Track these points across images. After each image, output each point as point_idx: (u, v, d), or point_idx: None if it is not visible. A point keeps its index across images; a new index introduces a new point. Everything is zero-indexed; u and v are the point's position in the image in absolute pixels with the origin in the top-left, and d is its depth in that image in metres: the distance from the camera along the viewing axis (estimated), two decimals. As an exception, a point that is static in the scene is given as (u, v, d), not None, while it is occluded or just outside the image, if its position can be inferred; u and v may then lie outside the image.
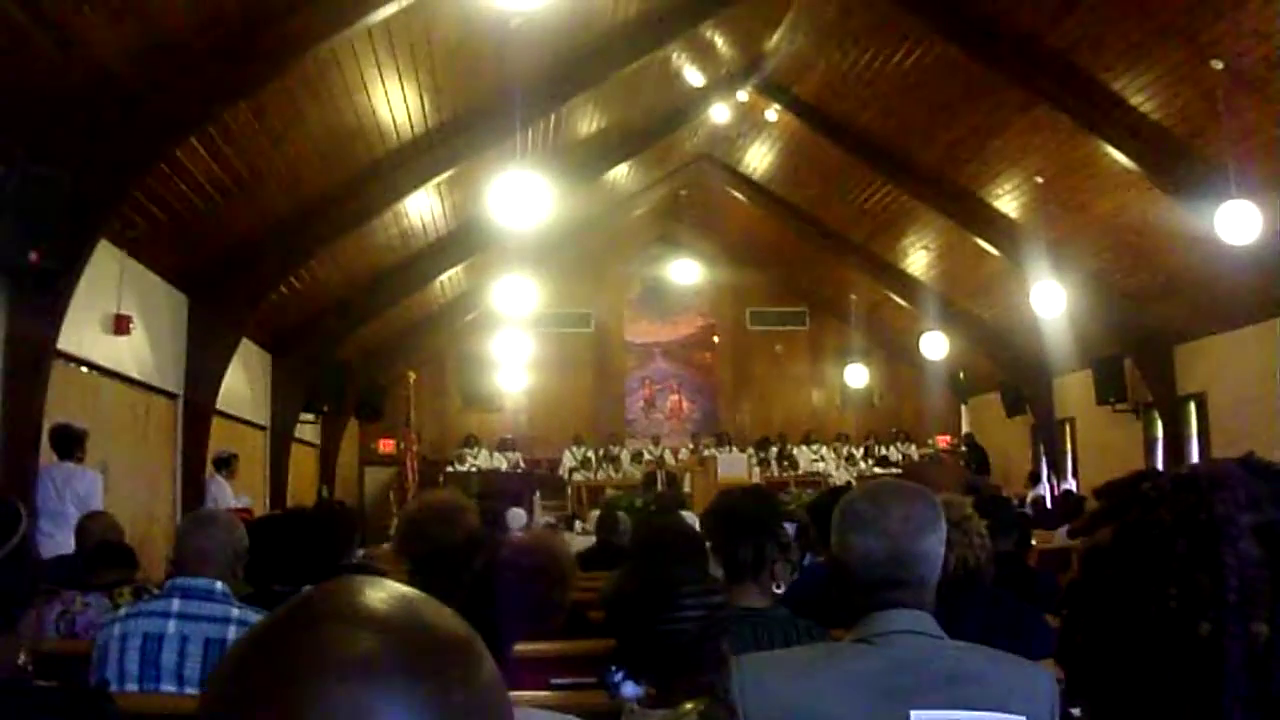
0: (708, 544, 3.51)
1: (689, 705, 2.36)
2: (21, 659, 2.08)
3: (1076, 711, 2.38)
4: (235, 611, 3.22)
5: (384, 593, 0.76)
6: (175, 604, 3.22)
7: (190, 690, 3.15)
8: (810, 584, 3.96)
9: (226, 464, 11.59)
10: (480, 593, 2.35)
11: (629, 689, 2.42)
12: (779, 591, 3.30)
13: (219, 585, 3.26)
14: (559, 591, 2.64)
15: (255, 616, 3.16)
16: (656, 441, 20.86)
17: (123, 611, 3.34)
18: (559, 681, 3.67)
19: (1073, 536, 1.25)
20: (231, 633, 3.16)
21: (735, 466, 17.20)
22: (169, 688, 3.14)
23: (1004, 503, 6.02)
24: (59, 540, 6.86)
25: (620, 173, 16.81)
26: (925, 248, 17.31)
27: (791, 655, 2.14)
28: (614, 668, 2.43)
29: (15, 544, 2.00)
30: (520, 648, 3.48)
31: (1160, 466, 12.45)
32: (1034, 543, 6.87)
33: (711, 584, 2.68)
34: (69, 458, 7.83)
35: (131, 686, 3.15)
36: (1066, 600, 1.03)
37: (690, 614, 2.51)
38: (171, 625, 3.18)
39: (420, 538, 3.39)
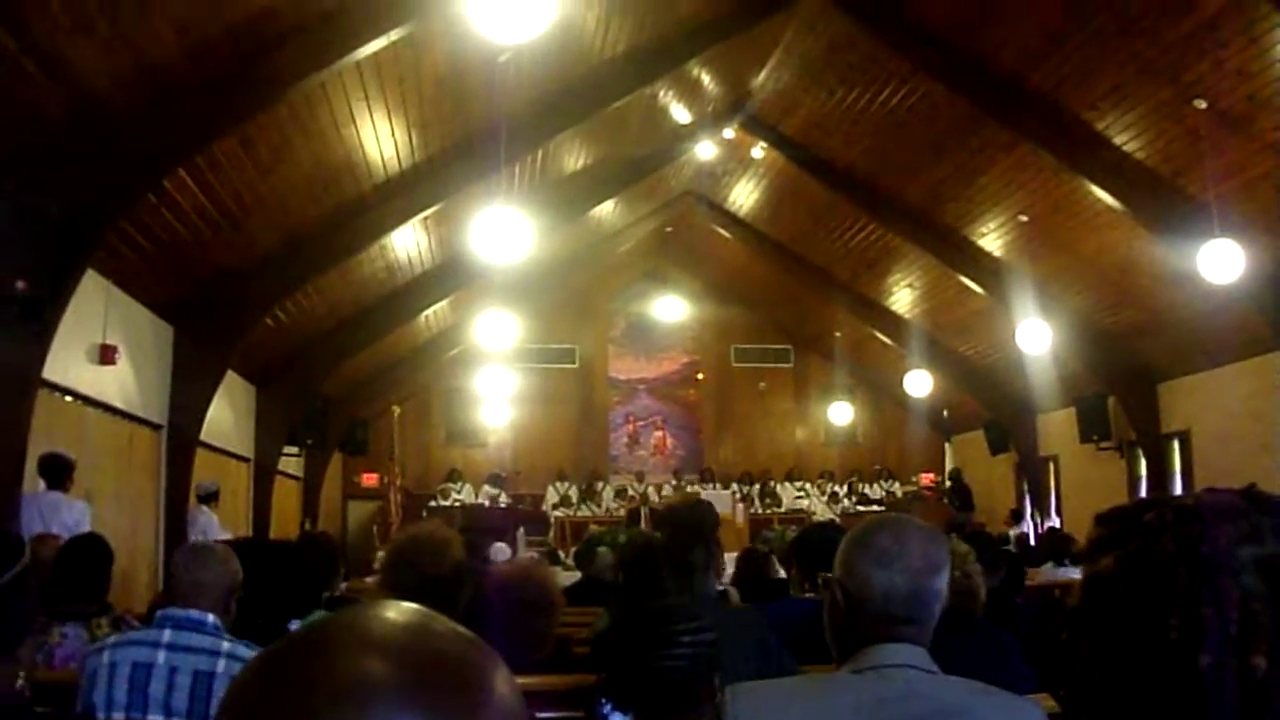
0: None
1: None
2: (19, 683, 2.07)
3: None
4: (225, 645, 3.20)
5: (401, 616, 0.74)
6: (166, 635, 3.20)
7: (177, 721, 3.12)
8: (796, 622, 3.91)
9: (215, 496, 11.46)
10: (468, 624, 2.34)
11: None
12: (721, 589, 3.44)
13: (210, 618, 3.24)
14: (547, 621, 2.63)
15: (246, 651, 3.16)
16: (640, 478, 20.79)
17: (112, 639, 3.32)
18: (544, 716, 3.66)
19: (1075, 564, 1.25)
20: (221, 666, 3.14)
21: (719, 503, 17.03)
22: (156, 718, 3.11)
23: (987, 540, 5.99)
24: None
25: (606, 209, 16.84)
26: (910, 286, 17.35)
27: (784, 685, 2.13)
28: (603, 699, 2.44)
29: (17, 572, 2.00)
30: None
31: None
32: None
33: (703, 621, 2.68)
34: (58, 487, 7.67)
35: (119, 715, 3.12)
36: (1066, 626, 1.03)
37: (684, 650, 2.52)
38: (161, 656, 3.16)
39: (408, 569, 3.37)
